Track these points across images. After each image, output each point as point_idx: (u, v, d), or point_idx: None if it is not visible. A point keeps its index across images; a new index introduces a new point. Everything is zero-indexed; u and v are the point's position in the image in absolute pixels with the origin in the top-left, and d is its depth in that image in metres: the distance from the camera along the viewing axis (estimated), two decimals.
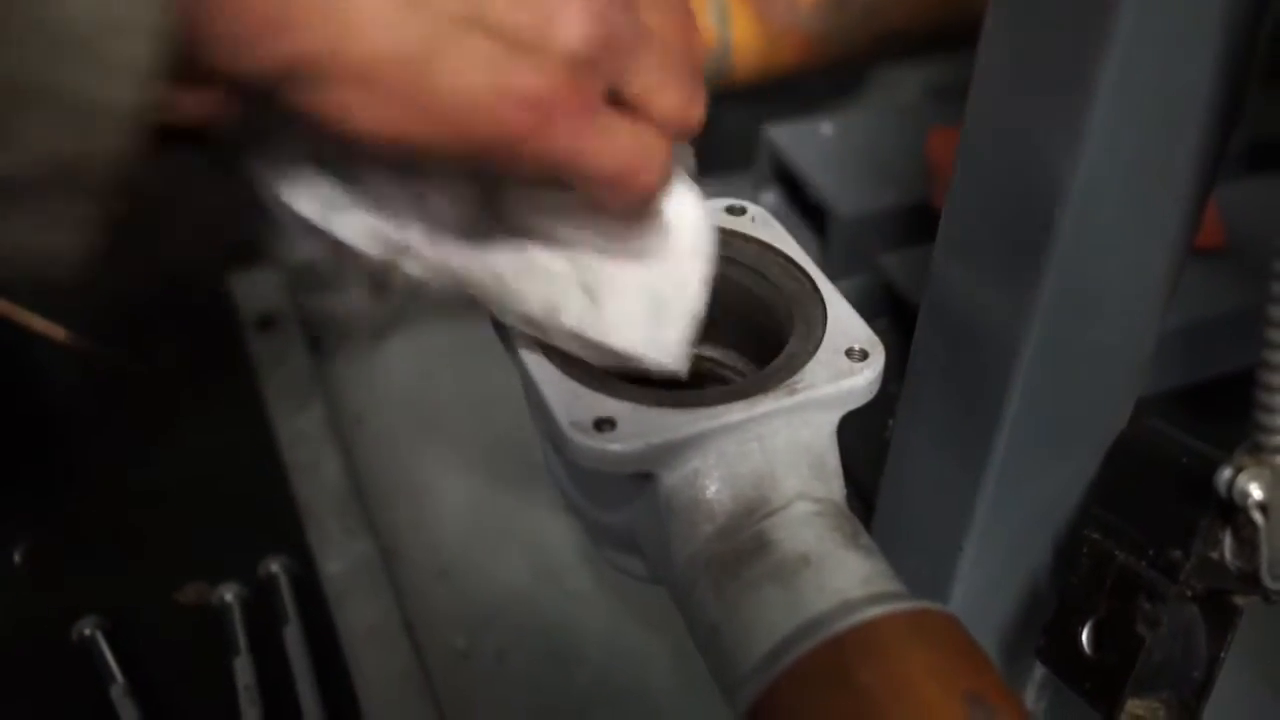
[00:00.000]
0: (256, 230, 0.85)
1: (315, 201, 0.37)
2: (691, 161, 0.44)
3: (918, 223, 0.69)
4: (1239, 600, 0.42)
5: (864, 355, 0.41)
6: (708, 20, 0.76)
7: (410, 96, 0.32)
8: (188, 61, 0.28)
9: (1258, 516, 0.39)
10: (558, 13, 0.33)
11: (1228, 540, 0.41)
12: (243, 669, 0.60)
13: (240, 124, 0.34)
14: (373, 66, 0.31)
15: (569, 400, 0.39)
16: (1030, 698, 0.52)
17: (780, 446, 0.40)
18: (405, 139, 0.33)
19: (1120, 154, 0.37)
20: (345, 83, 0.31)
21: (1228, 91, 0.37)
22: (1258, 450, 0.38)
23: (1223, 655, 0.42)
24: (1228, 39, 0.35)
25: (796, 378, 0.40)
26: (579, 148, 0.35)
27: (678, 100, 0.37)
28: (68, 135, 0.26)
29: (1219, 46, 0.35)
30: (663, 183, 0.38)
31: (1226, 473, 0.39)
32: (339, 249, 0.38)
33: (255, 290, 0.81)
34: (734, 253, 0.47)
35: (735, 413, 0.39)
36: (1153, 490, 0.43)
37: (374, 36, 0.31)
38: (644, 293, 0.42)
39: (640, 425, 0.38)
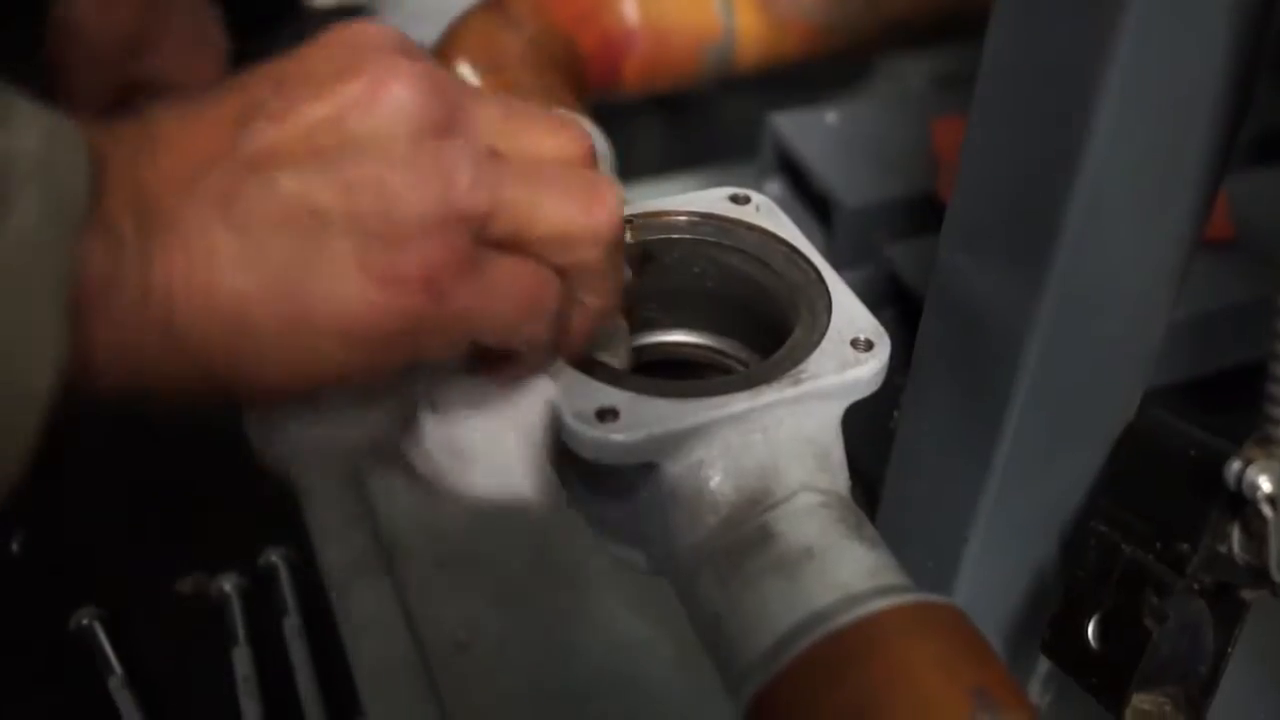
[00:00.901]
0: None
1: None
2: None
3: (923, 213, 0.69)
4: (1246, 595, 0.42)
5: (869, 345, 0.41)
6: (713, 9, 0.76)
7: (292, 326, 0.31)
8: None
9: (1267, 510, 0.38)
10: (393, 184, 0.32)
11: (1236, 534, 0.40)
12: (242, 660, 0.59)
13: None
14: (246, 313, 0.31)
15: (572, 389, 0.39)
16: (1034, 691, 0.52)
17: (784, 437, 0.39)
18: (319, 368, 0.33)
19: (1129, 144, 0.36)
20: (224, 341, 0.31)
21: (1238, 81, 0.36)
22: (1267, 442, 0.38)
23: (1230, 650, 0.42)
24: (1238, 27, 0.35)
25: (801, 368, 0.40)
26: (481, 303, 0.34)
27: (561, 216, 0.35)
28: None
29: (1229, 35, 0.35)
30: (579, 321, 0.38)
31: (1235, 465, 0.39)
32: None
33: None
34: (738, 242, 0.46)
35: (739, 403, 0.39)
36: (1160, 483, 0.42)
37: (235, 282, 0.31)
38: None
39: (643, 415, 0.38)
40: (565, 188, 0.35)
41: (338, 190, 0.31)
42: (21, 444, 0.28)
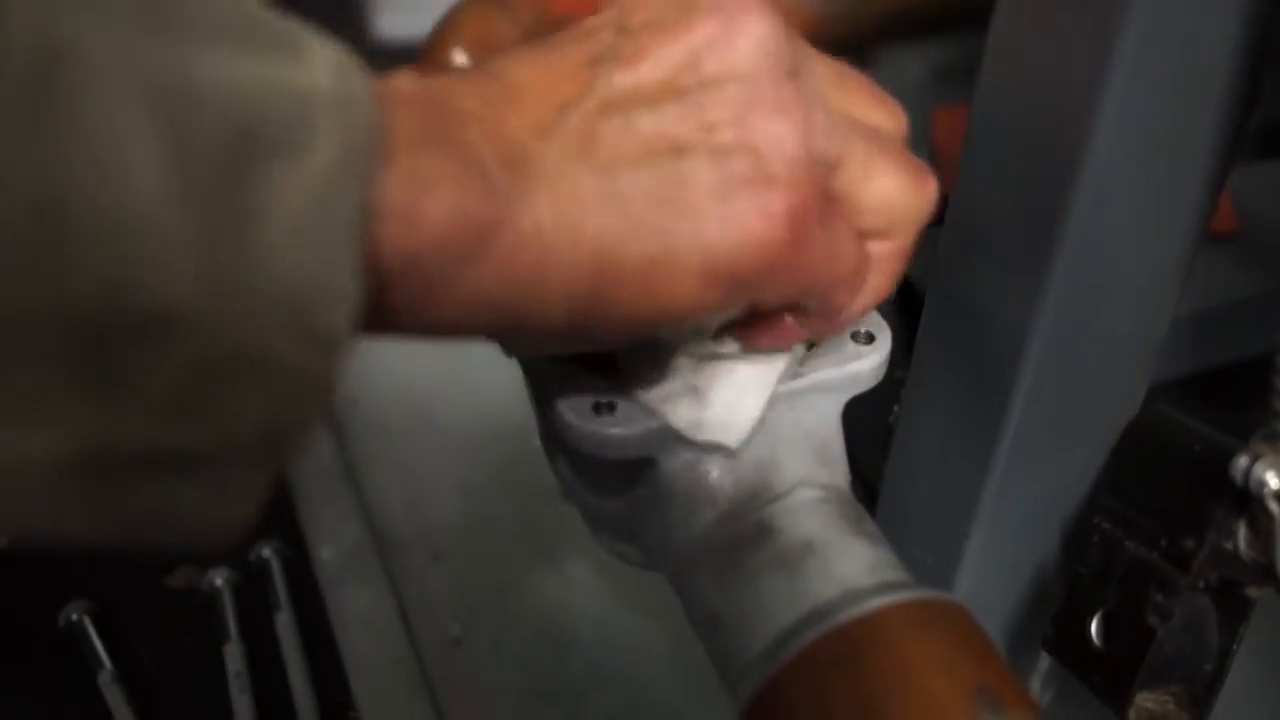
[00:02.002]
0: None
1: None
2: None
3: None
4: (1252, 592, 0.41)
5: (870, 339, 0.41)
6: None
7: (662, 262, 0.31)
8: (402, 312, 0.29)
9: (1274, 506, 0.38)
10: (756, 123, 0.32)
11: (1242, 531, 0.40)
12: (233, 655, 0.59)
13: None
14: (612, 249, 0.31)
15: (567, 383, 0.38)
16: (1036, 689, 0.51)
17: (784, 431, 0.39)
18: (675, 304, 0.32)
19: (1135, 134, 0.36)
20: (589, 278, 0.31)
21: (1245, 72, 0.36)
22: (1274, 438, 0.38)
23: (1235, 648, 0.42)
24: (1245, 18, 0.34)
25: (800, 361, 0.40)
26: (829, 254, 0.34)
27: (890, 185, 0.35)
28: (275, 408, 0.26)
29: (1236, 26, 0.35)
30: (881, 290, 0.38)
31: (1242, 461, 0.38)
32: None
33: None
34: None
35: None
36: (1165, 479, 0.42)
37: (600, 221, 0.30)
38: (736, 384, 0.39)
39: (640, 409, 0.37)
40: (897, 158, 0.35)
41: (699, 128, 0.31)
42: (319, 388, 0.26)
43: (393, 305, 0.28)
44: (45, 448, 0.23)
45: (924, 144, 0.72)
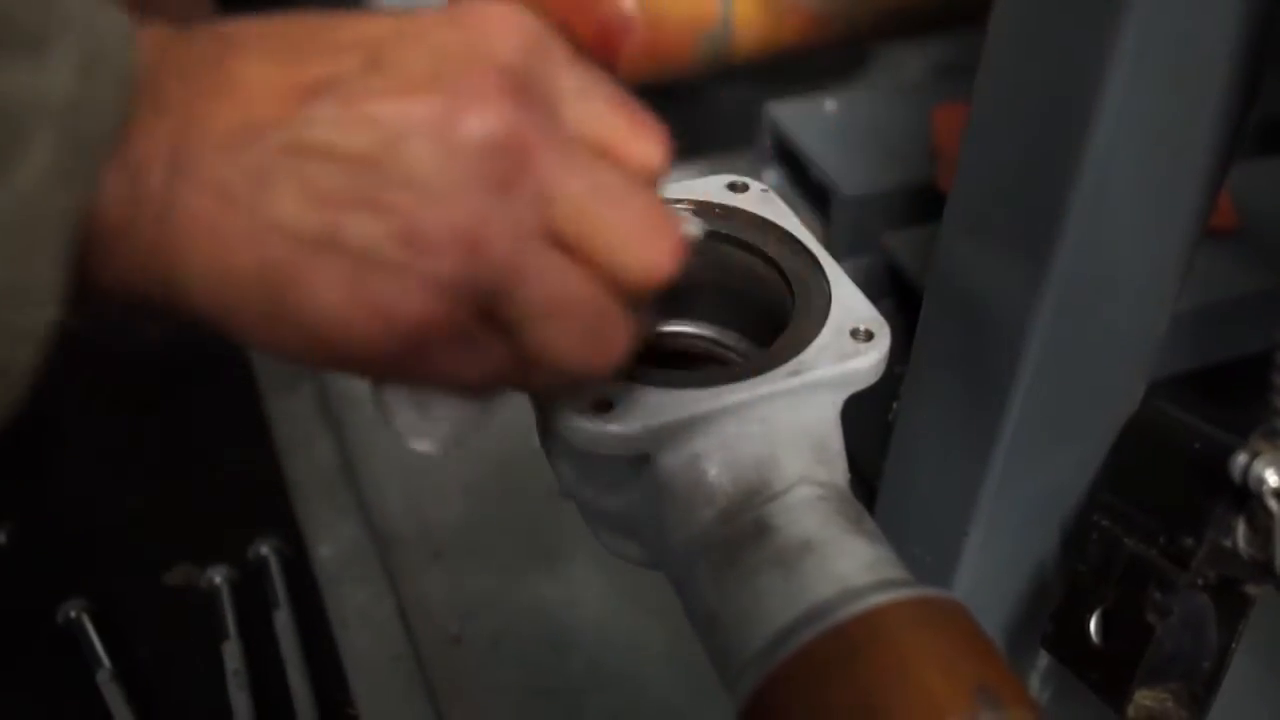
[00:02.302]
0: None
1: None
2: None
3: (922, 202, 0.68)
4: (1251, 590, 0.41)
5: (869, 336, 0.40)
6: None
7: (274, 314, 0.30)
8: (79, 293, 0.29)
9: (1272, 503, 0.38)
10: (426, 227, 0.30)
11: (1241, 528, 0.40)
12: (231, 653, 0.59)
13: None
14: (232, 289, 0.30)
15: None
16: (1034, 687, 0.51)
17: (782, 429, 0.39)
18: (281, 350, 0.32)
19: (1134, 130, 0.36)
20: (210, 303, 0.30)
21: (1245, 67, 0.36)
22: (1273, 435, 0.38)
23: (1234, 645, 0.42)
24: (1245, 12, 0.34)
25: (800, 358, 0.39)
26: (445, 364, 0.33)
27: (565, 345, 0.33)
28: None
29: (1236, 20, 0.34)
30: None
31: (1241, 458, 0.38)
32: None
33: None
34: (735, 230, 0.46)
35: (736, 394, 0.38)
36: (1164, 476, 0.42)
37: (231, 259, 0.30)
38: None
39: (639, 406, 0.37)
40: (591, 320, 0.33)
41: (366, 208, 0.30)
42: (18, 379, 0.27)
43: None
44: None
45: (924, 140, 0.72)
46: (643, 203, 0.33)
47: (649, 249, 0.33)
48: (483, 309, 0.32)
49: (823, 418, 0.40)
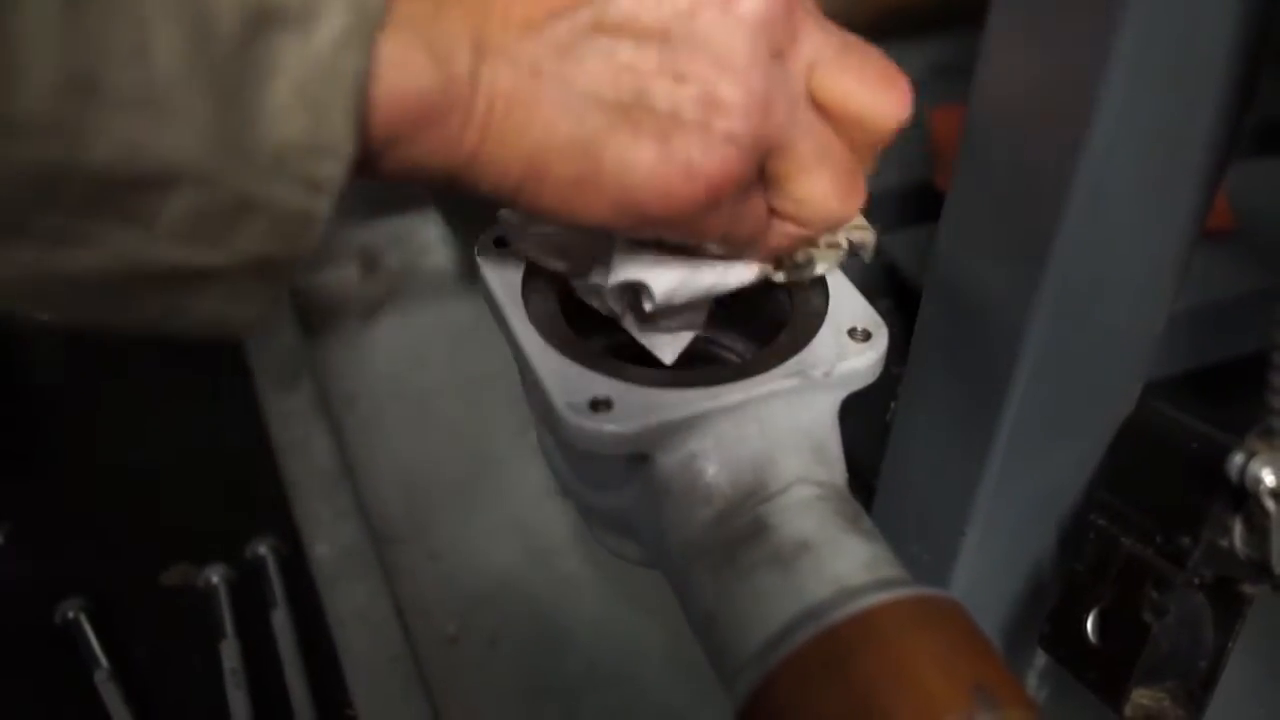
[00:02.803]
0: None
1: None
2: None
3: (920, 202, 0.68)
4: (1247, 589, 0.41)
5: (867, 336, 0.41)
6: None
7: (587, 179, 0.34)
8: (364, 165, 0.32)
9: (1269, 503, 0.38)
10: (722, 89, 0.34)
11: (1238, 527, 0.40)
12: (229, 652, 0.59)
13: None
14: (545, 158, 0.33)
15: (564, 380, 0.38)
16: (1032, 686, 0.51)
17: (780, 428, 0.39)
18: (583, 214, 0.35)
19: (1132, 130, 0.36)
20: (517, 172, 0.33)
21: (1242, 69, 0.36)
22: (1270, 435, 0.38)
23: (1230, 645, 0.42)
24: (1242, 15, 0.34)
25: (797, 358, 0.40)
26: (729, 224, 0.36)
27: (820, 189, 0.37)
28: (276, 240, 0.30)
29: (1234, 19, 0.34)
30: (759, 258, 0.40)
31: (1238, 458, 0.38)
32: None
33: None
34: None
35: (734, 393, 0.38)
36: (1161, 475, 0.42)
37: (544, 129, 0.33)
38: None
39: (636, 405, 0.37)
40: (836, 165, 0.37)
41: (669, 76, 0.33)
42: (314, 226, 0.30)
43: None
44: (90, 266, 0.29)
45: (922, 140, 0.72)
46: (877, 60, 0.38)
47: (891, 100, 0.37)
48: (755, 169, 0.36)
49: (820, 418, 0.40)
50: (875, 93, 0.37)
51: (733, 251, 0.39)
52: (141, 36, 0.27)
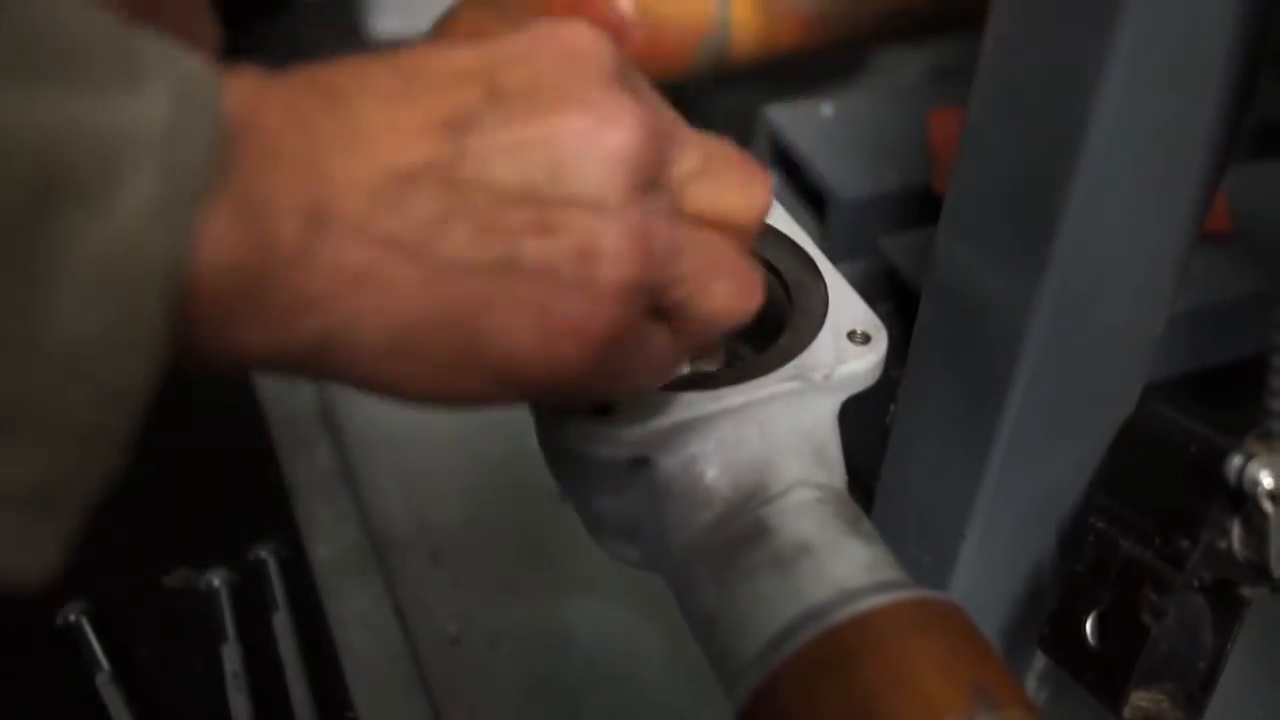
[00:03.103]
0: None
1: None
2: None
3: (920, 205, 0.68)
4: (1246, 591, 0.41)
5: (866, 339, 0.41)
6: (708, 0, 0.75)
7: (461, 357, 0.30)
8: (188, 351, 0.27)
9: (1268, 505, 0.38)
10: (599, 235, 0.30)
11: (1236, 530, 0.40)
12: (230, 655, 0.59)
13: None
14: (412, 340, 0.29)
15: None
16: (1031, 688, 0.51)
17: (780, 431, 0.39)
18: (462, 394, 0.31)
19: (1131, 131, 0.36)
20: (382, 355, 0.29)
21: (1241, 69, 0.36)
22: (1268, 437, 0.38)
23: (1229, 647, 0.42)
24: (1241, 12, 0.34)
25: (797, 362, 0.40)
26: (625, 369, 0.33)
27: (717, 306, 0.34)
28: (55, 463, 0.24)
29: (1233, 20, 0.35)
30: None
31: (1236, 460, 0.38)
32: None
33: None
34: None
35: (734, 396, 0.38)
36: (1160, 478, 0.42)
37: (409, 307, 0.29)
38: None
39: (637, 409, 0.37)
40: (730, 271, 0.34)
41: (538, 231, 0.30)
42: (107, 443, 0.25)
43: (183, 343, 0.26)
44: None
45: (921, 143, 0.72)
46: (738, 159, 0.36)
47: (756, 195, 0.35)
48: (649, 305, 0.33)
49: (820, 420, 0.40)
50: (742, 192, 0.35)
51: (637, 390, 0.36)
52: None
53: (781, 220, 0.46)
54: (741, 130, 0.78)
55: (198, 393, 0.72)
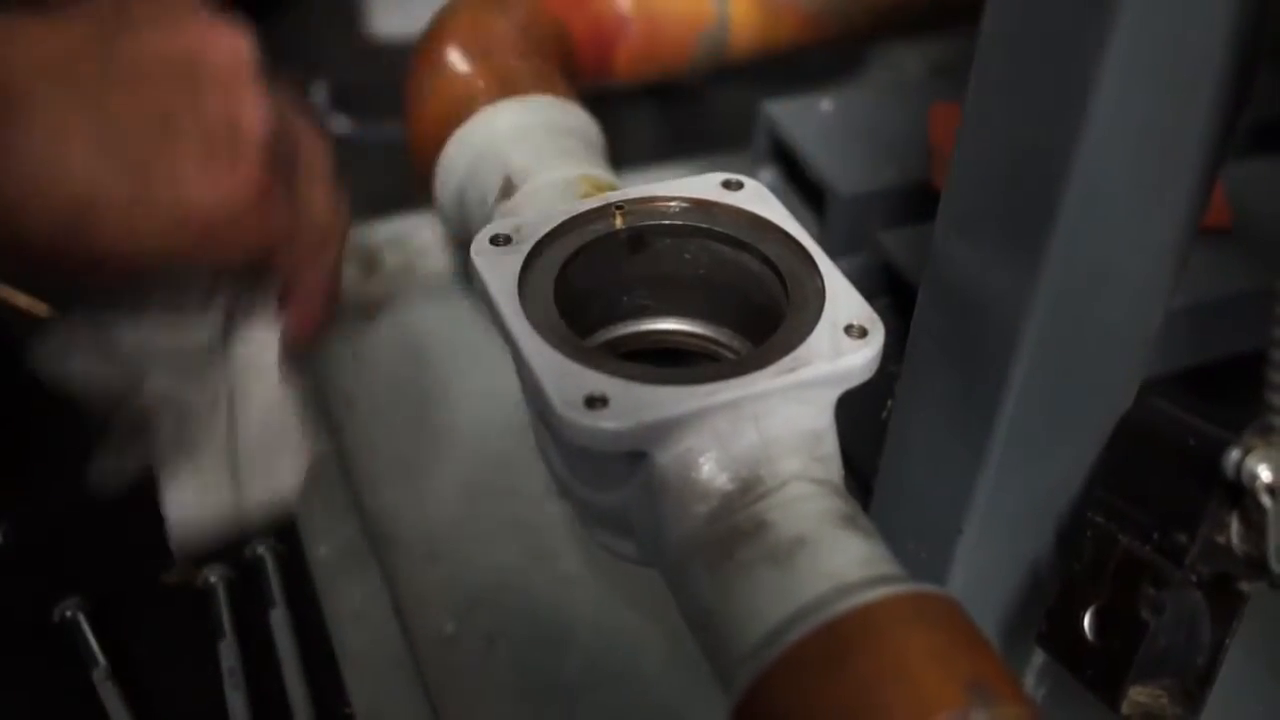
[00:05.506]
0: None
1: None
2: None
3: (918, 201, 0.68)
4: (1245, 586, 0.41)
5: (863, 333, 0.40)
6: None
7: (139, 202, 0.38)
8: None
9: (1266, 500, 0.38)
10: (240, 103, 0.40)
11: (1234, 524, 0.40)
12: (228, 652, 0.59)
13: None
14: (92, 190, 0.36)
15: (561, 377, 0.38)
16: (1030, 684, 0.51)
17: (776, 425, 0.39)
18: (149, 241, 0.39)
19: (1128, 126, 0.36)
20: (70, 212, 0.36)
21: (1239, 62, 0.36)
22: (1267, 431, 0.38)
23: (1227, 642, 0.42)
24: (1237, 12, 0.34)
25: (793, 355, 0.40)
26: (292, 222, 0.43)
27: (325, 200, 0.45)
28: None
29: (1230, 14, 0.34)
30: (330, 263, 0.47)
31: (1234, 454, 0.38)
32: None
33: None
34: (729, 228, 0.46)
35: (730, 390, 0.38)
36: (1158, 473, 0.42)
37: (89, 164, 0.36)
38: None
39: (633, 402, 0.37)
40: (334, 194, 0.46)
41: (192, 105, 0.39)
42: None
43: None
44: None
45: (920, 139, 0.72)
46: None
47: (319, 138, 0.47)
48: (283, 171, 0.42)
49: (817, 414, 0.40)
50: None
51: (314, 258, 0.46)
52: None
53: (778, 213, 0.46)
54: (741, 126, 0.78)
55: None
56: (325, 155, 0.46)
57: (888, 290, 0.64)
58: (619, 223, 0.45)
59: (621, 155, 0.65)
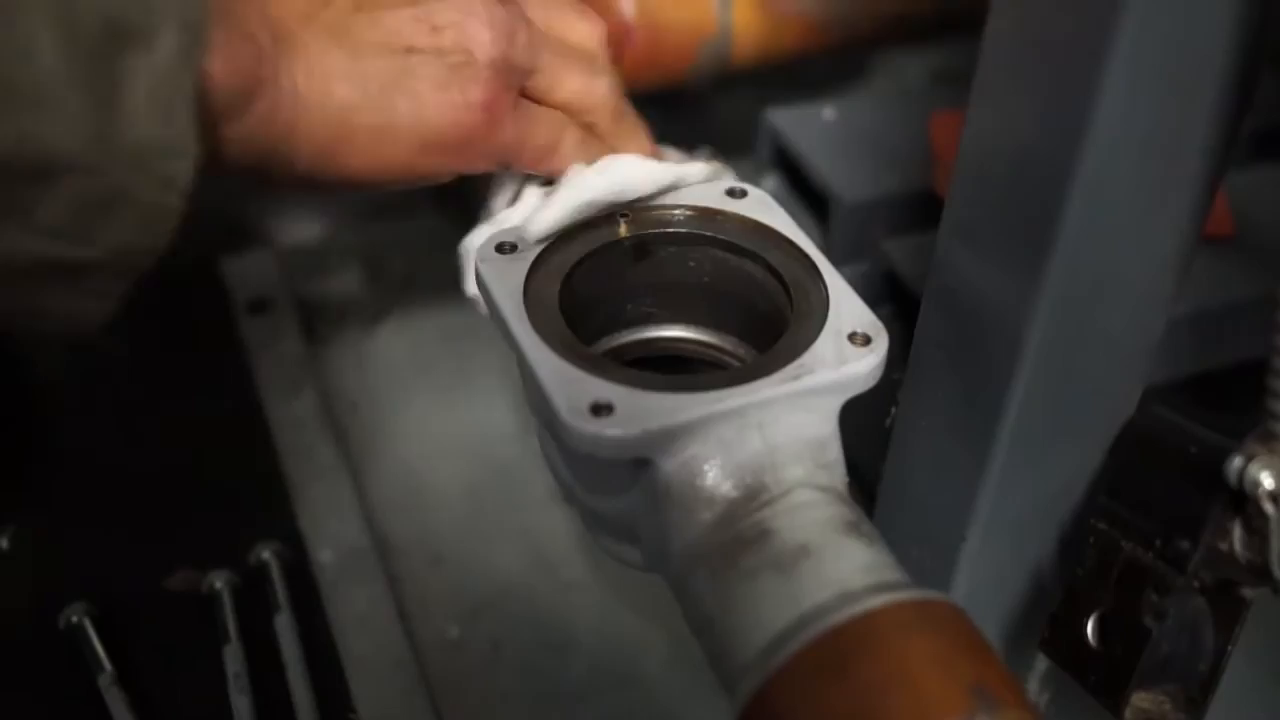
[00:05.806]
0: (248, 211, 0.84)
1: None
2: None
3: (921, 209, 0.68)
4: (1247, 593, 0.41)
5: (867, 340, 0.41)
6: (710, 5, 0.75)
7: (386, 130, 0.42)
8: (211, 158, 0.37)
9: (1268, 506, 0.38)
10: (471, 30, 0.43)
11: (1237, 531, 0.40)
12: (232, 657, 0.59)
13: None
14: (347, 117, 0.41)
15: (566, 384, 0.38)
16: (1033, 690, 0.51)
17: (781, 433, 0.39)
18: (396, 165, 0.43)
19: (1130, 134, 0.36)
20: (328, 137, 0.41)
21: (1241, 70, 0.36)
22: (1269, 438, 0.38)
23: (1230, 648, 0.42)
24: (1240, 14, 0.34)
25: (798, 363, 0.40)
26: (519, 135, 0.45)
27: (577, 86, 0.47)
28: (138, 233, 0.35)
29: (1232, 21, 0.35)
30: (575, 154, 0.47)
31: (1237, 461, 0.38)
32: None
33: (247, 273, 0.80)
34: (733, 236, 0.46)
35: (735, 398, 0.38)
36: (1161, 480, 0.42)
37: (344, 94, 0.41)
38: None
39: (638, 410, 0.37)
40: (578, 65, 0.47)
41: (428, 30, 0.42)
42: (170, 219, 0.35)
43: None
44: None
45: (923, 147, 0.72)
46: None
47: (590, 23, 0.50)
48: (519, 88, 0.45)
49: (821, 422, 0.40)
50: (579, 21, 0.49)
51: (542, 161, 0.47)
52: (26, 40, 0.31)
53: (782, 222, 0.46)
54: (743, 134, 0.78)
55: (200, 395, 0.73)
56: (586, 35, 0.49)
57: (891, 298, 0.64)
58: (624, 230, 0.46)
59: None
